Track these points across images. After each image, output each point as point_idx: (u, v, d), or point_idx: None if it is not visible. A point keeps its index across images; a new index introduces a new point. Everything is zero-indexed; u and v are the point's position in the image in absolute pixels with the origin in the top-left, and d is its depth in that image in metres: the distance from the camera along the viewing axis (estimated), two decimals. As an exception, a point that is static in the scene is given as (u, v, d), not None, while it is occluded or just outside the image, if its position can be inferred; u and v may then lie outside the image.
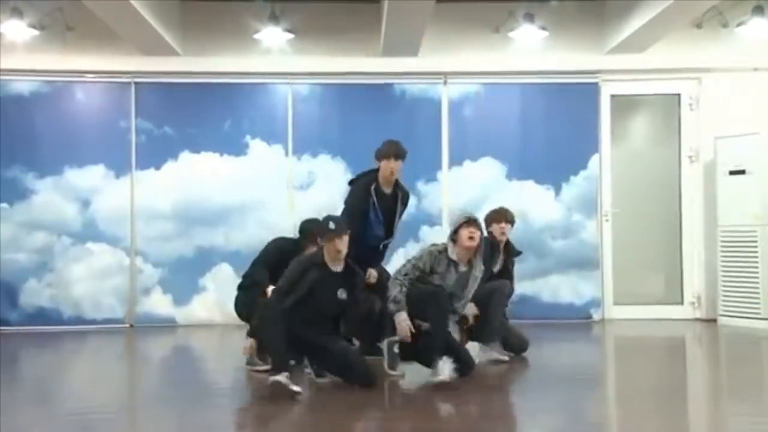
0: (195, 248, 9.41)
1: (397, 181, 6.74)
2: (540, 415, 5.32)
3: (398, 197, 6.73)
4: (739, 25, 9.15)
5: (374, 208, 6.60)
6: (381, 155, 6.66)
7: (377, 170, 6.65)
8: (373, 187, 6.65)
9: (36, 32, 9.01)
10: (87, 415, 5.23)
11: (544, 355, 7.38)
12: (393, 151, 6.64)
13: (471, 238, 6.12)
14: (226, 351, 7.90)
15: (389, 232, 6.69)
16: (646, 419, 5.06)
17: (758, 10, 8.80)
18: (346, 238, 5.73)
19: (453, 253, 6.15)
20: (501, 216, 7.25)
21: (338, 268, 5.70)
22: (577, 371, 6.88)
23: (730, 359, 7.83)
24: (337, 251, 5.64)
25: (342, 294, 5.70)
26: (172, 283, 9.53)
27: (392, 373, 6.16)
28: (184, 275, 9.48)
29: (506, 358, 6.92)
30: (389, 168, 6.58)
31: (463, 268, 6.22)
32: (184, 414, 5.26)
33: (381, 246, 6.67)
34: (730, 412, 5.38)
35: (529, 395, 6.00)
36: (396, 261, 8.21)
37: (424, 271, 6.22)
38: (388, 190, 6.69)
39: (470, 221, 6.23)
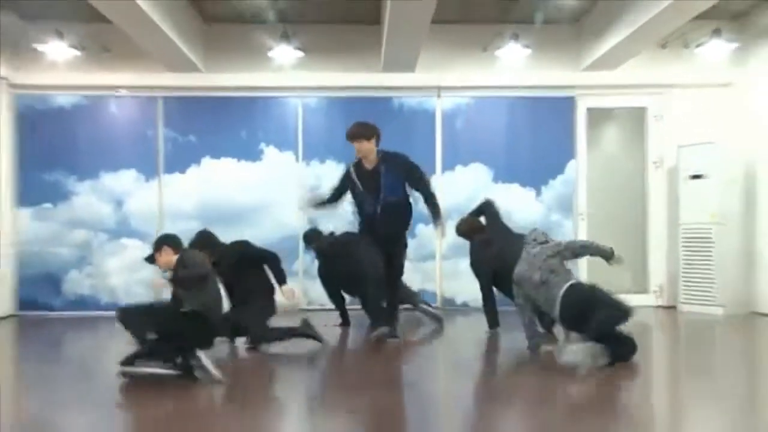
0: (215, 244, 9.59)
1: (384, 154, 6.77)
2: (515, 396, 5.42)
3: (380, 169, 6.73)
4: (699, 45, 9.42)
5: (354, 184, 6.75)
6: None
7: None
8: (352, 167, 6.79)
9: (76, 52, 9.24)
10: (123, 385, 5.39)
11: (522, 339, 7.27)
12: (347, 134, 6.76)
13: None
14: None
15: (387, 198, 6.73)
16: (613, 394, 5.30)
17: (716, 32, 9.13)
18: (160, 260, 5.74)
19: None
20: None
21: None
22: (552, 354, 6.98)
23: (688, 341, 8.04)
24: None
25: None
26: None
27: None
28: None
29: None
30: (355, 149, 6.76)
31: None
32: (200, 386, 5.40)
33: (378, 209, 6.71)
34: (688, 389, 5.63)
35: (507, 377, 6.17)
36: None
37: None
38: (369, 165, 6.74)
39: None
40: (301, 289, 9.62)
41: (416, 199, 7.55)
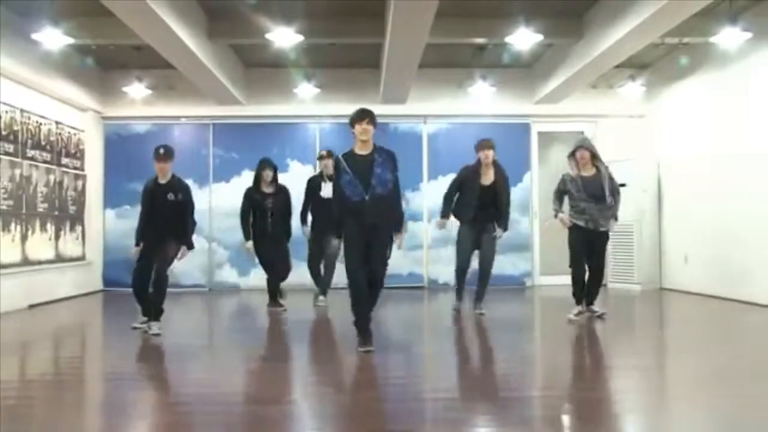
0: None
1: (380, 146, 5.66)
2: (488, 349, 6.02)
3: (375, 158, 5.54)
4: (620, 86, 10.15)
5: (345, 171, 5.53)
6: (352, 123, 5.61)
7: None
8: (342, 157, 5.64)
9: (149, 91, 9.93)
10: (182, 344, 6.08)
11: (495, 308, 7.88)
12: (361, 112, 5.62)
13: (582, 157, 6.65)
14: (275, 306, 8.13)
15: (376, 188, 5.47)
16: (559, 348, 5.90)
17: (632, 77, 9.90)
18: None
19: (573, 169, 6.68)
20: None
21: None
22: (516, 318, 7.79)
23: (614, 309, 8.22)
24: None
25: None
26: (237, 260, 10.24)
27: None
28: (245, 255, 9.15)
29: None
30: (359, 130, 5.53)
31: (585, 174, 6.62)
32: (240, 343, 6.25)
33: (367, 197, 5.44)
34: (615, 347, 6.10)
35: (480, 335, 6.70)
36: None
37: (561, 192, 6.72)
38: (364, 152, 5.57)
39: (580, 147, 6.63)
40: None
41: (407, 201, 7.69)
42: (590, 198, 6.58)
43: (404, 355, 5.65)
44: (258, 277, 10.01)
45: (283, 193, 7.84)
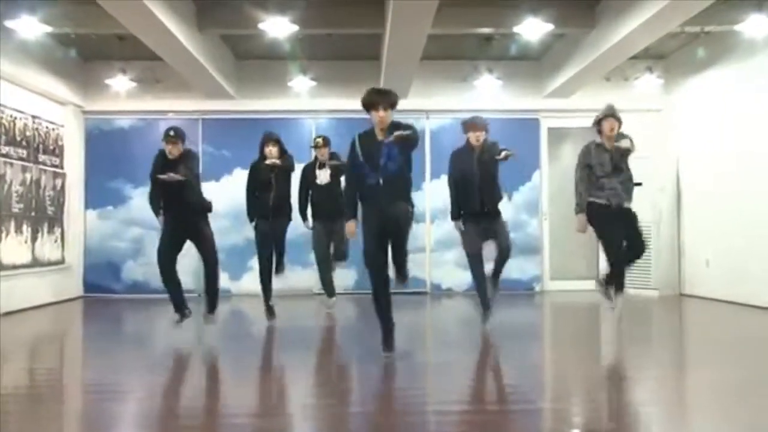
0: (244, 238, 9.73)
1: (392, 123, 5.52)
2: (496, 358, 6.10)
3: (385, 137, 5.43)
4: (635, 79, 10.14)
5: (356, 154, 5.58)
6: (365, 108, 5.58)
7: None
8: (357, 137, 5.67)
9: (134, 84, 9.98)
10: (170, 353, 6.15)
11: (503, 315, 7.76)
12: (387, 98, 5.55)
13: (611, 129, 6.50)
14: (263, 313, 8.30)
15: (388, 165, 5.47)
16: (570, 357, 5.92)
17: (648, 69, 9.94)
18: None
19: (599, 139, 6.54)
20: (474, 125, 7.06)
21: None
22: (524, 325, 7.86)
23: (630, 317, 8.13)
24: None
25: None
26: (228, 263, 9.92)
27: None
28: (236, 258, 10.07)
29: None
30: (376, 119, 5.51)
31: (609, 146, 6.43)
32: (233, 352, 6.28)
33: (381, 180, 5.46)
34: (630, 353, 6.11)
35: (491, 342, 6.70)
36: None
37: (587, 166, 6.43)
38: (381, 136, 5.51)
39: (608, 116, 6.51)
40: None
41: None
42: (614, 172, 6.44)
43: (408, 365, 5.64)
44: (251, 280, 10.08)
45: (284, 161, 7.51)
